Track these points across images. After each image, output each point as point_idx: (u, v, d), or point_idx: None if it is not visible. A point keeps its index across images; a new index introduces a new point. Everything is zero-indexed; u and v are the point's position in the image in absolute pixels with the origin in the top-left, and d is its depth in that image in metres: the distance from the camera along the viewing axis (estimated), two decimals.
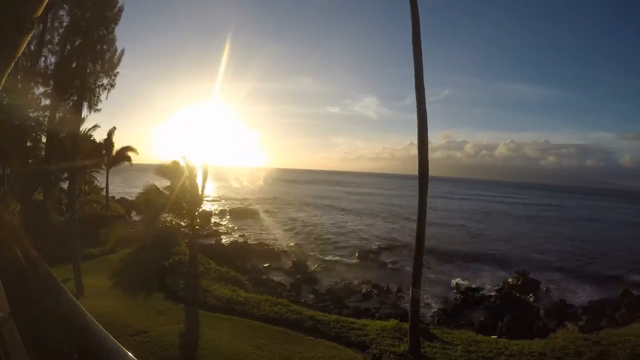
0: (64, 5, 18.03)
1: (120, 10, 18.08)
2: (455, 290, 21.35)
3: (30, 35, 1.00)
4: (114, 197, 36.67)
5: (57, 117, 19.06)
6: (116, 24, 18.35)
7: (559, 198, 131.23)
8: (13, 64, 1.07)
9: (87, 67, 16.61)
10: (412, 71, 8.69)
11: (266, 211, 50.65)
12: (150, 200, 14.41)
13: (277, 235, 34.90)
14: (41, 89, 19.16)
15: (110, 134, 28.08)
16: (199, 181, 14.61)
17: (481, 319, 16.97)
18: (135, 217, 30.56)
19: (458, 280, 23.22)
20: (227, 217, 44.32)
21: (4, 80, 1.07)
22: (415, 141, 8.73)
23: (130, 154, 29.32)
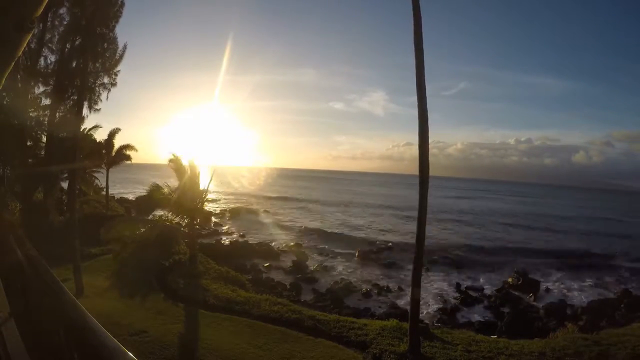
0: (64, 4, 18.01)
1: (121, 7, 18.08)
2: (455, 290, 21.35)
3: (31, 34, 1.00)
4: (114, 196, 36.66)
5: (57, 117, 19.04)
6: (117, 22, 18.36)
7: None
8: (13, 63, 1.06)
9: (87, 66, 16.59)
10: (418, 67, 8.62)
11: (266, 211, 50.64)
12: (153, 199, 14.43)
13: (277, 234, 34.92)
14: (41, 89, 19.16)
15: (112, 134, 28.05)
16: (201, 181, 14.62)
17: (481, 319, 16.99)
18: (135, 215, 30.55)
19: (458, 280, 23.23)
20: (227, 217, 44.28)
21: (4, 80, 1.07)
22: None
23: (130, 152, 29.32)
